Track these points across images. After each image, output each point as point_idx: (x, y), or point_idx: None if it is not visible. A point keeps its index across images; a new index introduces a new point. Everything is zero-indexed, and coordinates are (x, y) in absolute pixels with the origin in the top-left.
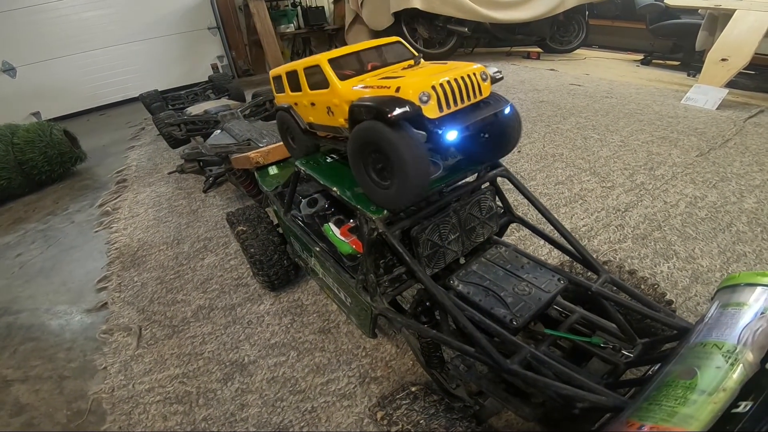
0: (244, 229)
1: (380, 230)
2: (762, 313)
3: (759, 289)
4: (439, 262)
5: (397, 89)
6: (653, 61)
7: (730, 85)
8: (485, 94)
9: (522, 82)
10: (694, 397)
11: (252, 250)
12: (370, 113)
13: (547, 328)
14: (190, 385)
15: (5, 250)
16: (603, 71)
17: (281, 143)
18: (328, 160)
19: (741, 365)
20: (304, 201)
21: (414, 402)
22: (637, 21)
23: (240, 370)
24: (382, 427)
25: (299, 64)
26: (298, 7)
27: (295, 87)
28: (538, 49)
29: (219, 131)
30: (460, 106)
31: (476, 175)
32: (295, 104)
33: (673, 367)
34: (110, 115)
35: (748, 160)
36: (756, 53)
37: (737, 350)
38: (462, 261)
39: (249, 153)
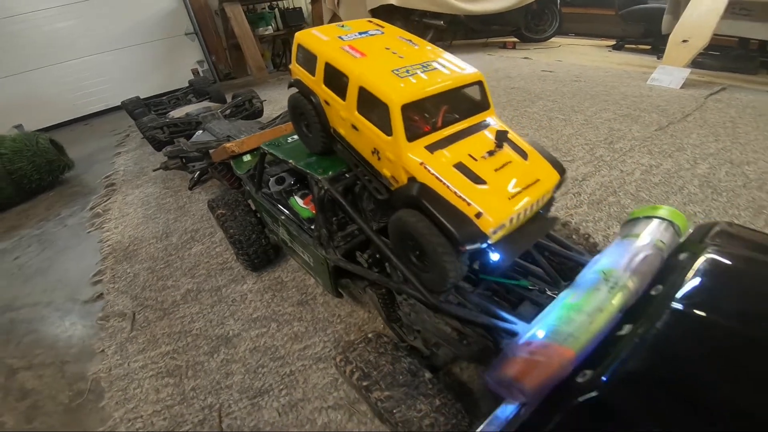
0: (224, 212)
1: (325, 187)
2: (652, 242)
3: (655, 221)
4: (384, 218)
5: (478, 215)
6: (625, 46)
7: (697, 65)
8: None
9: (496, 70)
10: (576, 318)
11: (231, 230)
12: (440, 229)
13: (482, 275)
14: (180, 360)
15: (3, 255)
16: (575, 57)
17: (260, 134)
18: (288, 141)
19: (622, 291)
20: (272, 179)
21: (368, 344)
22: (609, 8)
23: (225, 343)
24: (339, 368)
25: (354, 74)
26: (276, 9)
27: (337, 90)
28: (515, 39)
29: (201, 131)
30: (517, 224)
31: None
32: (326, 102)
33: (565, 291)
34: (93, 124)
35: (705, 132)
36: (719, 35)
37: (621, 276)
38: None
39: (225, 144)
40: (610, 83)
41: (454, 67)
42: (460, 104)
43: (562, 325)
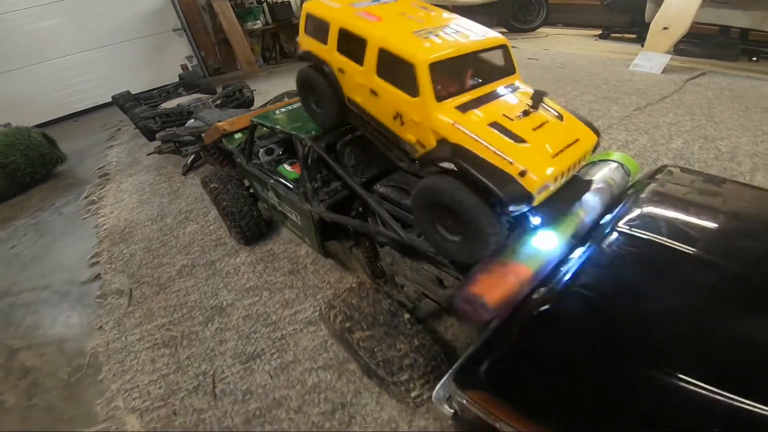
0: (216, 185)
1: (309, 144)
2: (603, 180)
3: (608, 164)
4: (365, 173)
5: (522, 173)
6: (611, 35)
7: (679, 53)
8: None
9: None
10: (533, 242)
11: (224, 203)
12: (479, 190)
13: None
14: (175, 331)
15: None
16: (561, 46)
17: (246, 114)
18: (276, 113)
19: (573, 220)
20: (262, 150)
21: (351, 292)
22: None
23: (219, 312)
24: (324, 317)
25: (373, 37)
26: (264, 4)
27: (353, 55)
28: (503, 29)
29: (193, 120)
30: (559, 184)
31: None
32: (340, 70)
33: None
34: (83, 121)
35: (682, 112)
36: (700, 23)
37: (577, 210)
38: None
39: (217, 123)
40: (593, 69)
41: (476, 31)
42: (485, 68)
43: (520, 248)
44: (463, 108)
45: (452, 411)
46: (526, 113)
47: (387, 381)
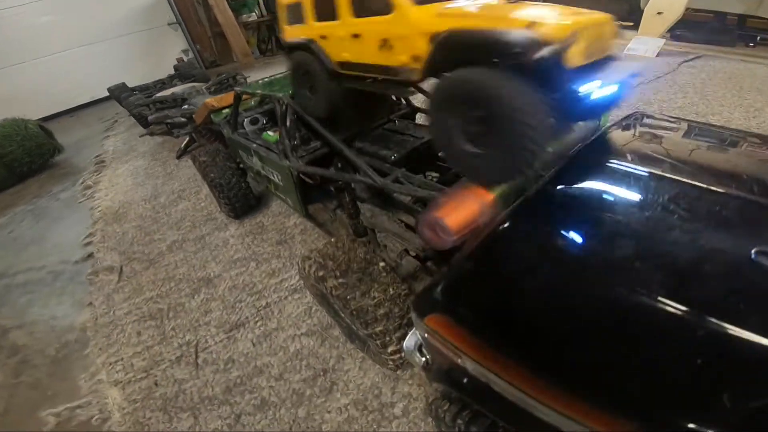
0: (205, 159)
1: (286, 102)
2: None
3: None
4: (344, 132)
5: (531, 24)
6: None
7: (675, 38)
8: (611, 50)
9: None
10: None
11: (212, 175)
12: (485, 50)
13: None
14: (162, 303)
15: None
16: None
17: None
18: (258, 82)
19: None
20: (247, 120)
21: (327, 243)
22: None
23: (206, 284)
24: (300, 269)
25: None
26: None
27: (328, 13)
28: None
29: (186, 106)
30: (599, 57)
31: None
32: (322, 37)
33: None
34: (79, 116)
35: (675, 90)
36: (696, 9)
37: None
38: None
39: (206, 100)
40: None
41: None
42: None
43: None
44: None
45: (423, 360)
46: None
47: (362, 335)
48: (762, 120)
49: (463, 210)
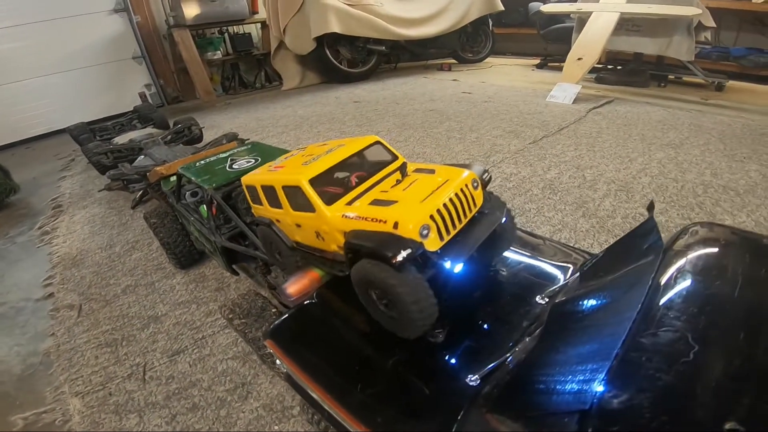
0: (155, 221)
1: (210, 193)
2: None
3: None
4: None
5: (395, 225)
6: (548, 64)
7: (599, 81)
8: (479, 204)
9: (424, 93)
10: None
11: (161, 235)
12: (370, 256)
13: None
14: (116, 334)
15: None
16: (499, 78)
17: (181, 160)
18: (197, 164)
19: None
20: (188, 193)
21: (239, 296)
22: (536, 28)
23: (154, 320)
24: (221, 311)
25: (276, 181)
26: (225, 34)
27: (275, 204)
28: (452, 61)
29: (142, 156)
30: (459, 227)
31: None
32: (277, 220)
33: None
34: (36, 148)
35: (570, 143)
36: (616, 50)
37: None
38: None
39: (155, 168)
40: (514, 102)
41: (353, 144)
42: (366, 165)
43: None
44: (351, 202)
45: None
46: (398, 182)
47: (257, 357)
48: (629, 172)
49: (300, 282)
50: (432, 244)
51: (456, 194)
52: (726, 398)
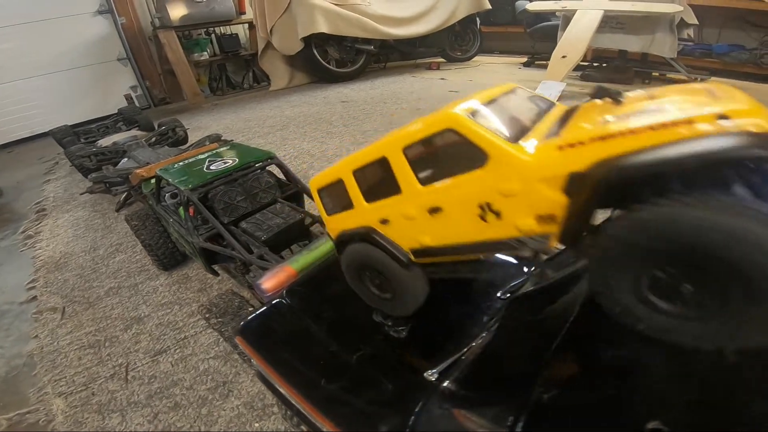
0: (137, 223)
1: (186, 195)
2: None
3: None
4: (233, 214)
5: (724, 116)
6: (536, 62)
7: (585, 78)
8: None
9: (412, 92)
10: (300, 253)
11: (143, 237)
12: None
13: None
14: (99, 336)
15: None
16: (486, 76)
17: (162, 162)
18: (175, 166)
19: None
20: (167, 195)
21: (218, 296)
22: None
23: (137, 322)
24: (199, 311)
25: (386, 149)
26: (212, 35)
27: (386, 190)
28: (440, 60)
29: (126, 159)
30: None
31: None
32: (382, 222)
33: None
34: (19, 151)
35: None
36: (601, 48)
37: None
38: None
39: (137, 170)
40: None
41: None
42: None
43: (293, 257)
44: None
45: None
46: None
47: (242, 353)
48: None
49: (275, 278)
50: None
51: None
52: (652, 397)
